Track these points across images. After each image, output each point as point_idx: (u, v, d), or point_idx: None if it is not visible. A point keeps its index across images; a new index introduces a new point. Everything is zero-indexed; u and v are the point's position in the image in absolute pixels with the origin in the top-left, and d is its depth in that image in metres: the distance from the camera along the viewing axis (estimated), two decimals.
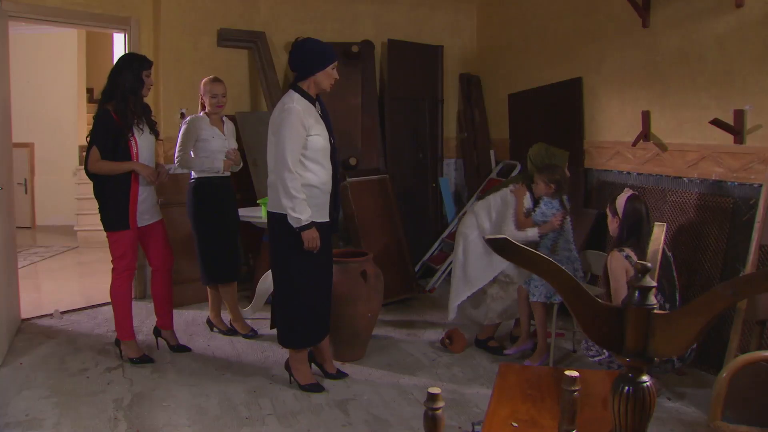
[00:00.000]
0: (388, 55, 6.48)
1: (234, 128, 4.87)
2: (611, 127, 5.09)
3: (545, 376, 2.65)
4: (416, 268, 6.20)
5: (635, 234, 3.61)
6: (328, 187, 3.75)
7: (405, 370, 4.25)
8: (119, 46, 5.58)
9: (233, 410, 3.64)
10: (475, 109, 6.85)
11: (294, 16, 6.19)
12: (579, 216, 5.28)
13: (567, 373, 1.86)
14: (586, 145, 5.41)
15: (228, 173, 4.73)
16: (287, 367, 4.00)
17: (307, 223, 3.58)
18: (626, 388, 1.47)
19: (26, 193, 9.01)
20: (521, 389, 2.47)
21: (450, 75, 6.92)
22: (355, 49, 6.12)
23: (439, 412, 1.56)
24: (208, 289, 4.90)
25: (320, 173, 3.68)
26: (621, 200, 3.72)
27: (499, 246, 1.54)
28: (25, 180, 8.93)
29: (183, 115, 4.92)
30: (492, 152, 6.66)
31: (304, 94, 3.67)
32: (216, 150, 4.61)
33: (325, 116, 3.78)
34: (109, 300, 4.30)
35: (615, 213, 3.74)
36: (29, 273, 6.71)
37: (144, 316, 5.21)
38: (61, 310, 5.30)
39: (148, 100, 5.54)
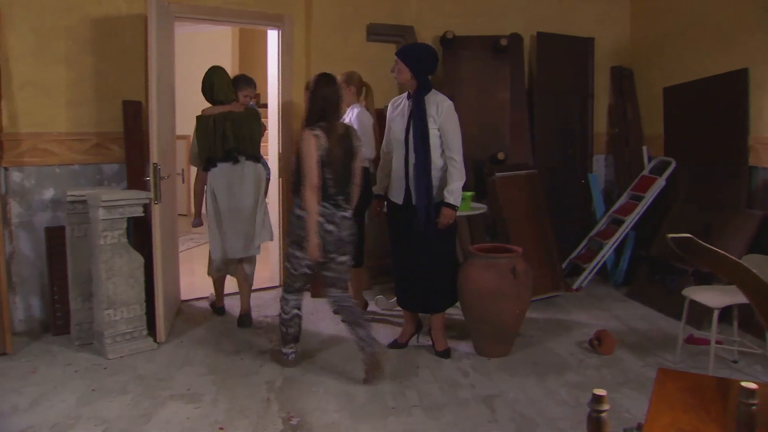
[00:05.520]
0: (537, 49, 6.35)
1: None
2: None
3: (708, 385, 2.49)
4: (563, 266, 6.06)
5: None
6: (399, 171, 4.20)
7: (551, 369, 4.15)
8: (273, 43, 5.75)
9: (380, 399, 3.69)
10: (627, 104, 6.59)
11: (442, 10, 6.19)
12: (742, 218, 4.95)
13: (744, 384, 1.73)
14: (752, 141, 5.06)
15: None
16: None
17: (375, 193, 4.49)
18: None
19: (183, 182, 9.54)
20: (682, 397, 2.33)
21: (601, 68, 6.68)
22: (503, 42, 6.03)
23: (604, 414, 1.50)
24: None
25: (394, 158, 4.25)
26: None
27: (684, 244, 1.45)
28: (183, 170, 9.46)
29: None
30: (645, 148, 6.37)
31: (407, 93, 4.23)
32: None
33: (412, 110, 4.13)
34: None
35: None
36: (186, 257, 7.09)
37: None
38: None
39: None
